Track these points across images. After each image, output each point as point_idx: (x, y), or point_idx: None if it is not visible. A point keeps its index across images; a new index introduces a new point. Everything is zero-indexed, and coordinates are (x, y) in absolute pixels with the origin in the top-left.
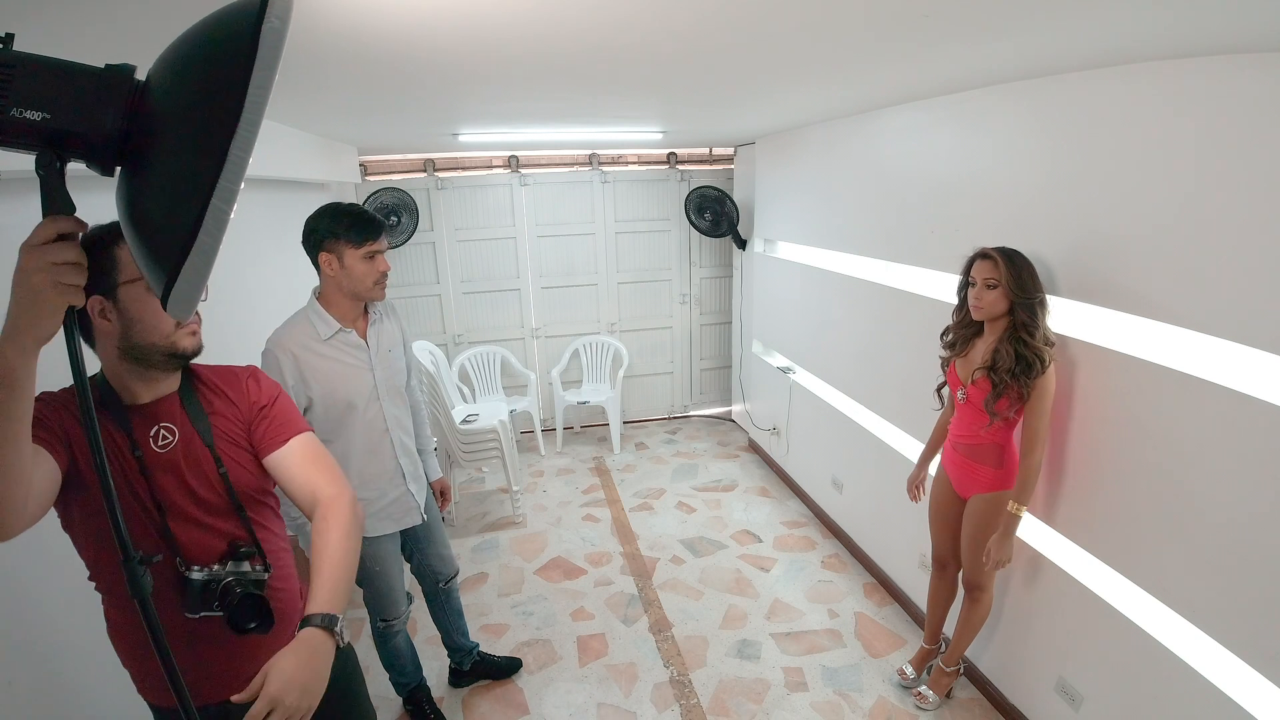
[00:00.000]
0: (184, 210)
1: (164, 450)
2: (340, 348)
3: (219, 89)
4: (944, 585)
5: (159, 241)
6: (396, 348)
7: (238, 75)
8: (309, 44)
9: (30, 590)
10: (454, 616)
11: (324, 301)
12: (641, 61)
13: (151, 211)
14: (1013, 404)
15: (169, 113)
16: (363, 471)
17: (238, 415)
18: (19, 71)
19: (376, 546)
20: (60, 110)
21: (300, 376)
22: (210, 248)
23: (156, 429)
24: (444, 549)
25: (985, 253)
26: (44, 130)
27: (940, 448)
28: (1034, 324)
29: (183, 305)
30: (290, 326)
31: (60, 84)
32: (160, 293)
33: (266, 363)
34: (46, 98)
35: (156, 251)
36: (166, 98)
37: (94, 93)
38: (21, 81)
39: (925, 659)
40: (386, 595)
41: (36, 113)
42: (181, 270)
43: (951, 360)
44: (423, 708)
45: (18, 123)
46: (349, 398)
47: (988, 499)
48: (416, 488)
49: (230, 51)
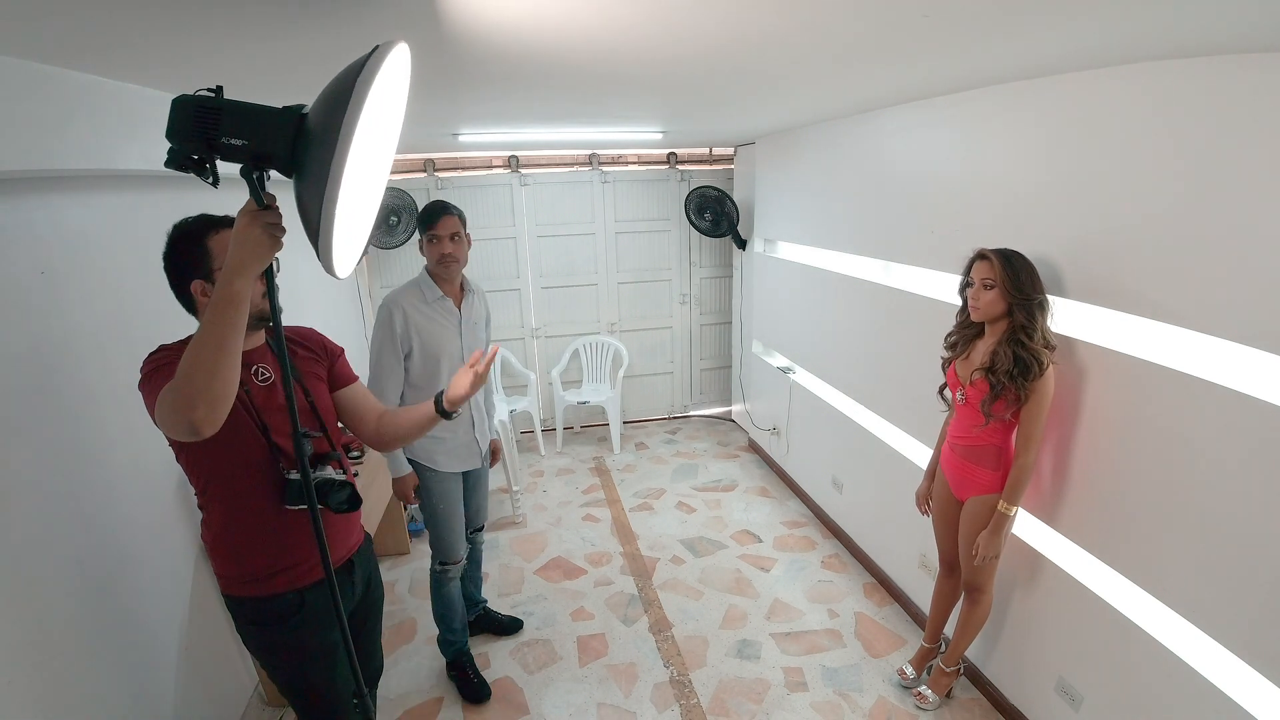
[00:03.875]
0: (315, 203)
1: (264, 384)
2: (439, 310)
3: (331, 122)
4: (950, 586)
5: (310, 223)
6: (480, 322)
7: (338, 116)
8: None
9: (31, 590)
10: (472, 567)
11: (431, 274)
12: (642, 62)
13: (306, 202)
14: (1010, 406)
15: (313, 136)
16: None
17: (317, 358)
18: (225, 112)
19: (444, 484)
20: (253, 137)
21: (406, 327)
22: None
23: (255, 367)
24: (483, 501)
25: (983, 253)
26: (244, 150)
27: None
28: (1032, 326)
29: (327, 263)
30: (405, 289)
31: (252, 120)
32: (318, 252)
33: (381, 315)
34: (244, 129)
35: (310, 229)
36: (313, 125)
37: (273, 125)
38: (227, 118)
39: (925, 659)
40: (448, 538)
41: (239, 140)
42: (319, 242)
43: (952, 361)
44: (466, 673)
45: (227, 146)
46: (438, 352)
47: (985, 501)
48: (481, 438)
49: (339, 99)
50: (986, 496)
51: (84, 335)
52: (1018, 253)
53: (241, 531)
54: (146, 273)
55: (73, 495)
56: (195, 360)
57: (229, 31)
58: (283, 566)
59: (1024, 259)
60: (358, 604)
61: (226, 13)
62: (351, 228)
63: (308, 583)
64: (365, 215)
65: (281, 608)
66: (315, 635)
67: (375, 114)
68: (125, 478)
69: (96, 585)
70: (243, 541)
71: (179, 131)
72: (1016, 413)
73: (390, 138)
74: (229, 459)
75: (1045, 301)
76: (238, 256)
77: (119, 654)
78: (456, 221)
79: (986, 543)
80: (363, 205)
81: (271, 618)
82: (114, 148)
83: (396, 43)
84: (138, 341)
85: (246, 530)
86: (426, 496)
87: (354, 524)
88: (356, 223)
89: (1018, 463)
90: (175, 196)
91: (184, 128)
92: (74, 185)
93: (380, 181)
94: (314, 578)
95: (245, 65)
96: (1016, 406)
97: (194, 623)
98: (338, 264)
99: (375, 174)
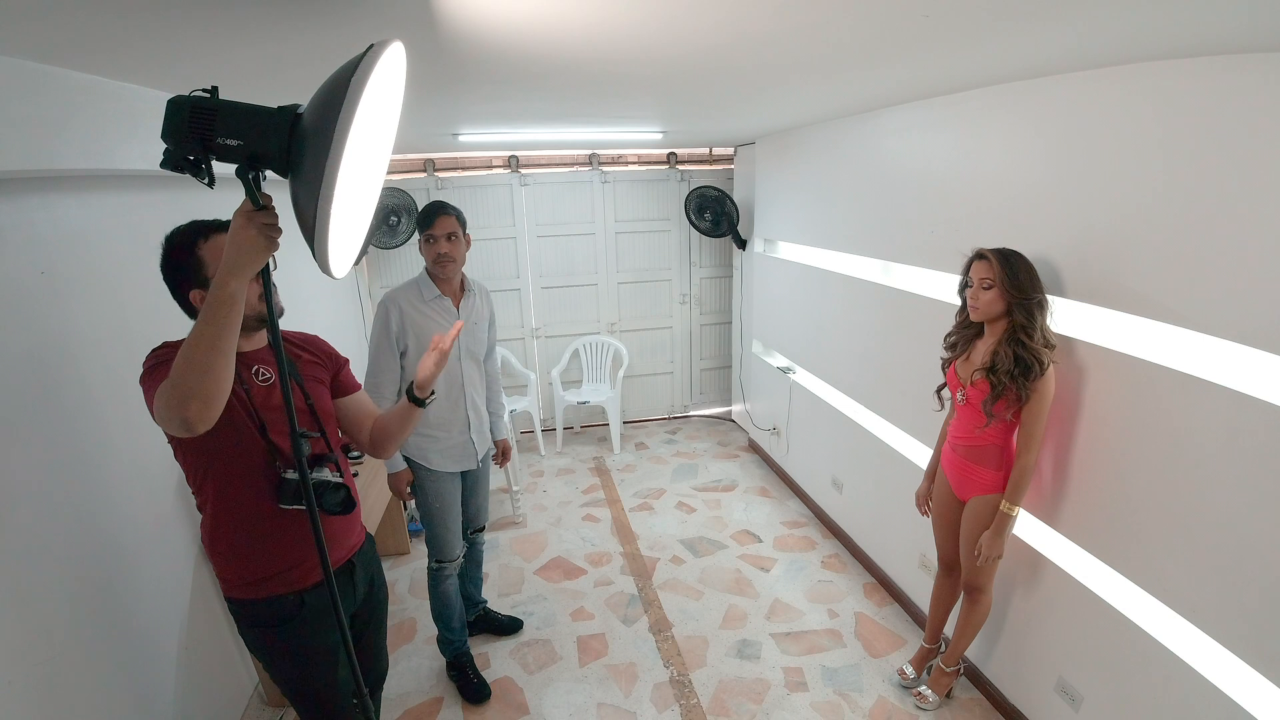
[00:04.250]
0: (310, 203)
1: (264, 384)
2: (436, 309)
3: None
4: (948, 586)
5: (305, 223)
6: (482, 323)
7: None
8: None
9: (31, 590)
10: (473, 567)
11: (430, 274)
12: (642, 62)
13: (302, 202)
14: (1010, 406)
15: (308, 136)
16: (438, 413)
17: (321, 363)
18: (220, 112)
19: (439, 483)
20: (248, 137)
21: (402, 325)
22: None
23: (257, 368)
24: (483, 502)
25: (981, 253)
26: (239, 151)
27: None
28: (1032, 325)
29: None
30: (403, 288)
31: (247, 120)
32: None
33: (378, 313)
34: (239, 130)
35: (305, 229)
36: (308, 125)
37: (267, 125)
38: (222, 119)
39: (925, 658)
40: (443, 536)
41: (234, 140)
42: (314, 242)
43: (952, 362)
44: (466, 673)
45: (222, 146)
46: None
47: (987, 501)
48: (478, 439)
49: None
50: (989, 496)
51: (84, 335)
52: (1016, 252)
53: (238, 531)
54: (146, 273)
55: (73, 495)
56: (189, 359)
57: (228, 31)
58: (280, 568)
59: (1023, 258)
60: (360, 605)
61: (226, 12)
62: (348, 227)
63: (307, 584)
64: (362, 215)
65: (281, 610)
66: (316, 638)
67: (370, 113)
68: (125, 478)
69: (97, 585)
70: (240, 541)
71: (174, 132)
72: (1018, 412)
73: (386, 137)
74: (225, 455)
75: (1045, 301)
76: (233, 257)
77: (119, 654)
78: (453, 221)
79: (989, 543)
80: (359, 205)
81: (271, 620)
82: (114, 148)
83: (391, 42)
84: (138, 341)
85: (243, 530)
86: (421, 495)
87: (353, 524)
88: (353, 222)
89: (1019, 462)
90: (175, 196)
91: (179, 129)
92: (74, 185)
93: (377, 181)
94: (313, 580)
95: (244, 65)
96: (1018, 406)
97: (194, 623)
98: (334, 264)
99: (371, 173)
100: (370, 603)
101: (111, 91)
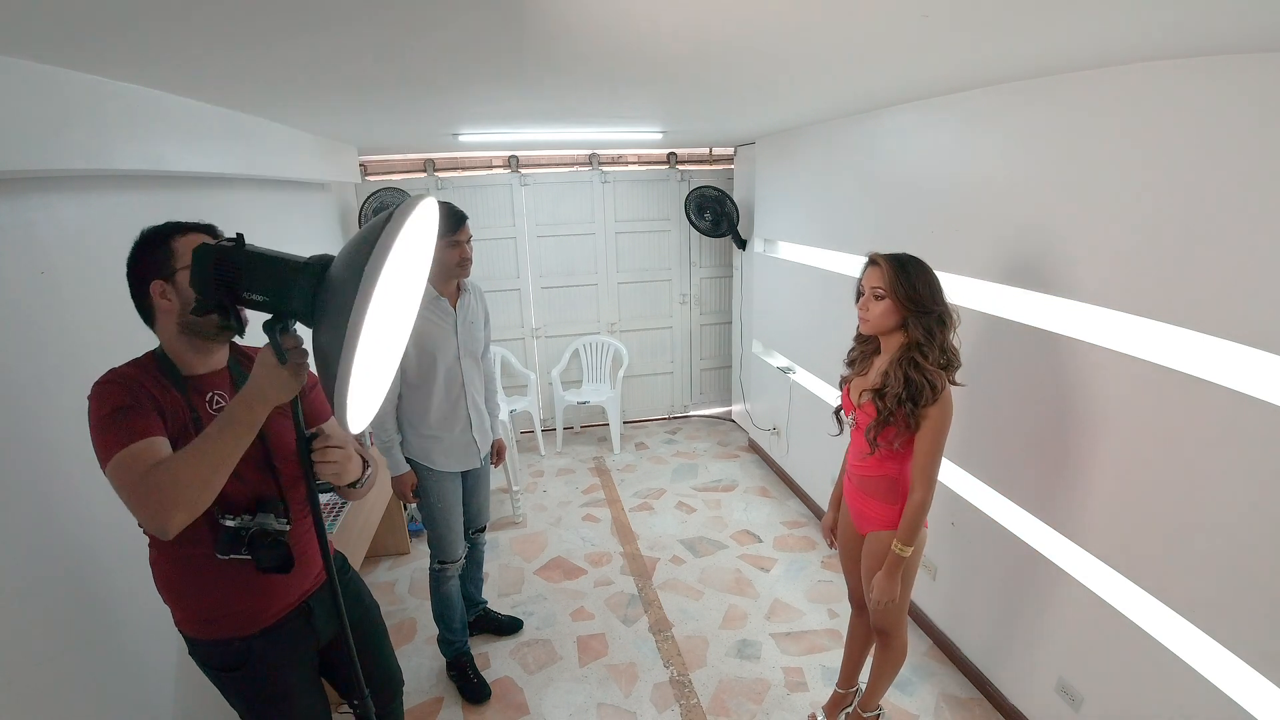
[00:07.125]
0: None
1: (217, 414)
2: (435, 310)
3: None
4: (861, 626)
5: (327, 376)
6: (478, 321)
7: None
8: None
9: (31, 591)
10: (473, 567)
11: (435, 275)
12: (642, 62)
13: (326, 352)
14: (900, 434)
15: (333, 291)
16: (440, 414)
17: None
18: (246, 268)
19: (442, 484)
20: (273, 293)
21: None
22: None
23: (211, 395)
24: (484, 501)
25: (874, 258)
26: (265, 306)
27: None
28: (929, 344)
29: (341, 417)
30: None
31: (273, 275)
32: (333, 408)
33: None
34: (265, 285)
35: (326, 382)
36: (334, 279)
37: (294, 278)
38: (248, 274)
39: (838, 705)
40: (446, 536)
41: (259, 295)
42: (335, 393)
43: (848, 381)
44: (466, 673)
45: (249, 300)
46: (434, 352)
47: (880, 539)
48: (480, 438)
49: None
50: (882, 533)
51: (84, 335)
52: (915, 258)
53: (176, 571)
54: None
55: (72, 496)
56: (192, 471)
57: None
58: (223, 614)
59: (922, 265)
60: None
61: (224, 13)
62: (369, 383)
63: (254, 631)
64: (385, 369)
65: (227, 654)
66: (269, 684)
67: (398, 270)
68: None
69: (96, 587)
70: (179, 582)
71: (202, 283)
72: (907, 441)
73: (415, 287)
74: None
75: (947, 316)
76: (264, 388)
77: (119, 655)
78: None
79: (880, 585)
80: (382, 359)
81: (218, 664)
82: (114, 148)
83: (424, 198)
84: (137, 341)
85: (180, 572)
86: (424, 495)
87: (307, 563)
88: (375, 377)
89: (911, 499)
90: (175, 197)
91: (205, 280)
92: (74, 185)
93: (403, 334)
94: (261, 625)
95: (244, 65)
96: (908, 434)
97: None
98: (352, 419)
99: (397, 329)
100: (366, 623)
101: (111, 91)
